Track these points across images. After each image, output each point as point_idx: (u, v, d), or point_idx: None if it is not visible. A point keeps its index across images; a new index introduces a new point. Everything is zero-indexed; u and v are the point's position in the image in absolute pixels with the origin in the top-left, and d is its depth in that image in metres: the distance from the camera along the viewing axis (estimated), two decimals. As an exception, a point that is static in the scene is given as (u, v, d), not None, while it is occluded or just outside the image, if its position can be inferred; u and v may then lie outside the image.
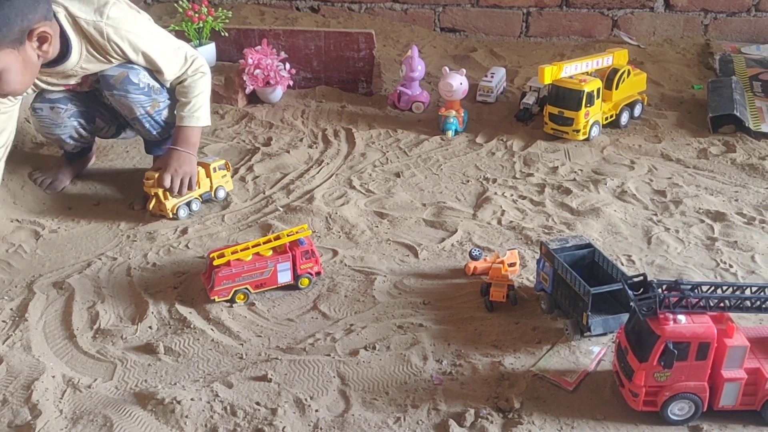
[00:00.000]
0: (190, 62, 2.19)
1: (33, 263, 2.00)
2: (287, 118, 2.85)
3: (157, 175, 2.15)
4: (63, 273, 1.95)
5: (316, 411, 1.48)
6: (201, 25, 2.92)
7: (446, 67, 2.77)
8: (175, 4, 3.01)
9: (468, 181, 2.39)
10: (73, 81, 2.13)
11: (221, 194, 2.28)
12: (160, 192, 2.15)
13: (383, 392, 1.54)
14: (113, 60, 2.06)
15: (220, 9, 2.97)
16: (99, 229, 2.15)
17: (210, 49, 2.98)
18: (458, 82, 2.70)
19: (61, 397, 1.53)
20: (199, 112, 2.22)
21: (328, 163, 2.52)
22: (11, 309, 1.81)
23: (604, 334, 1.67)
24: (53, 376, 1.57)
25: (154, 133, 2.25)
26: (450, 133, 2.70)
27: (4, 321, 1.77)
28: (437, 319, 1.75)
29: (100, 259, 2.01)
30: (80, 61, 2.02)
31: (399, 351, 1.65)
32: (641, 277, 1.53)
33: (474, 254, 1.90)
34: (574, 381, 1.55)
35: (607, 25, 3.62)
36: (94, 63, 2.05)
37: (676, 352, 1.35)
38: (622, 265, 1.93)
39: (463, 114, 2.73)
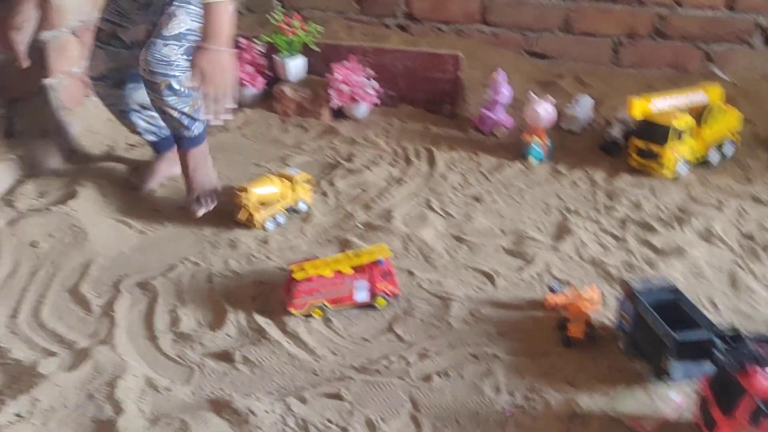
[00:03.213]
0: None
1: (119, 262, 2.07)
2: (370, 136, 2.87)
3: (249, 187, 2.18)
4: (147, 274, 2.01)
5: (387, 434, 1.49)
6: (292, 38, 2.97)
7: (532, 92, 2.75)
8: (268, 15, 3.07)
9: (549, 211, 2.37)
10: None
11: (302, 206, 2.32)
12: (251, 205, 2.19)
13: (454, 420, 1.53)
14: None
15: (311, 23, 3.02)
16: (183, 234, 2.21)
17: (300, 62, 3.04)
18: (545, 110, 2.67)
19: (142, 397, 1.57)
20: None
21: (408, 183, 2.53)
22: (98, 306, 1.88)
23: (684, 380, 1.63)
24: (135, 376, 1.62)
25: (192, 128, 2.22)
26: (532, 160, 2.68)
27: (92, 316, 1.84)
28: (512, 350, 1.74)
29: (183, 263, 2.06)
30: None
31: (472, 380, 1.64)
32: (734, 332, 1.48)
33: (553, 287, 1.88)
34: (652, 428, 1.51)
35: (700, 59, 3.54)
36: None
37: (766, 410, 1.30)
38: (705, 309, 1.87)
39: (548, 142, 2.70)
